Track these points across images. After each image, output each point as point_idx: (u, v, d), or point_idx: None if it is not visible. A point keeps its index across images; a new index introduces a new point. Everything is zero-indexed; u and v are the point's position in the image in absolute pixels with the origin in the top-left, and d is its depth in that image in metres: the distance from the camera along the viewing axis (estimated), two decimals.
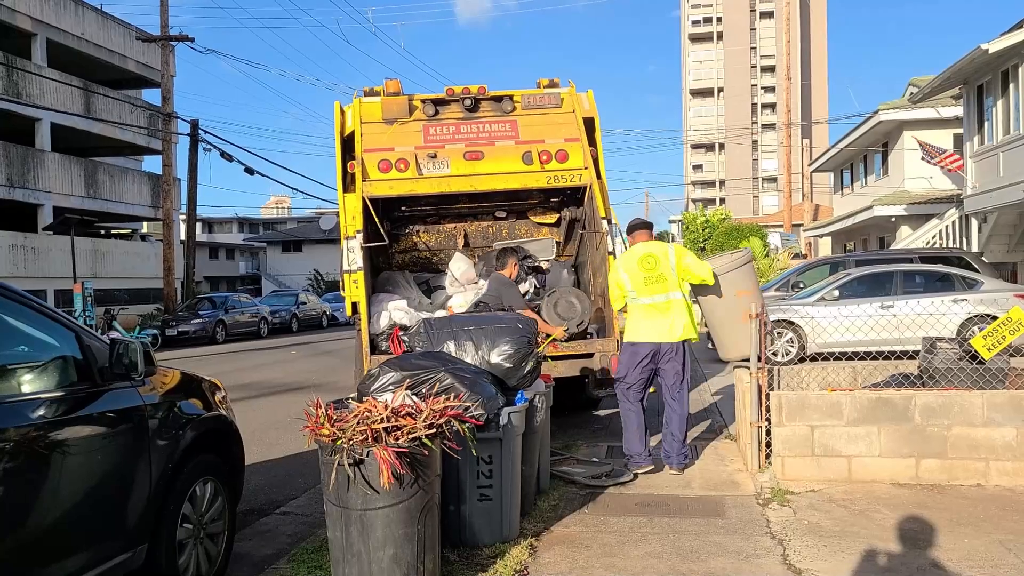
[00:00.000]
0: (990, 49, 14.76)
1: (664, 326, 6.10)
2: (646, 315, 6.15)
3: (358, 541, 3.55)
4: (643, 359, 6.14)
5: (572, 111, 8.03)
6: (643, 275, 6.16)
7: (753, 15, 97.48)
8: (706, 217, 40.00)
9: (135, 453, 3.60)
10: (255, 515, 5.74)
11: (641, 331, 6.17)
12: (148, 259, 34.47)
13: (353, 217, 7.40)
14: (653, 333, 6.11)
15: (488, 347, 5.00)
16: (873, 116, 24.19)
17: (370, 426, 3.52)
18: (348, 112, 8.04)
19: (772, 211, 67.43)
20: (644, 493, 5.67)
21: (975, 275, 13.11)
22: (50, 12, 29.59)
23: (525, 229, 9.19)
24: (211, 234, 71.73)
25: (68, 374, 3.40)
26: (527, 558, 4.38)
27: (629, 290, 6.23)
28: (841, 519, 4.95)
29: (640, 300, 6.16)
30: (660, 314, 6.11)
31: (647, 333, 6.14)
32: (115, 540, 3.46)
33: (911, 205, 22.94)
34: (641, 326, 6.17)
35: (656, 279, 6.15)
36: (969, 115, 17.87)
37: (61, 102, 28.73)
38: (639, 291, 6.17)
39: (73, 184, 30.56)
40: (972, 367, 5.87)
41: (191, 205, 27.87)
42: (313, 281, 52.38)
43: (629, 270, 6.24)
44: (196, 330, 24.72)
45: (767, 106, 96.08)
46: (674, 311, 6.11)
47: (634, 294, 6.20)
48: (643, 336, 6.14)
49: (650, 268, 6.16)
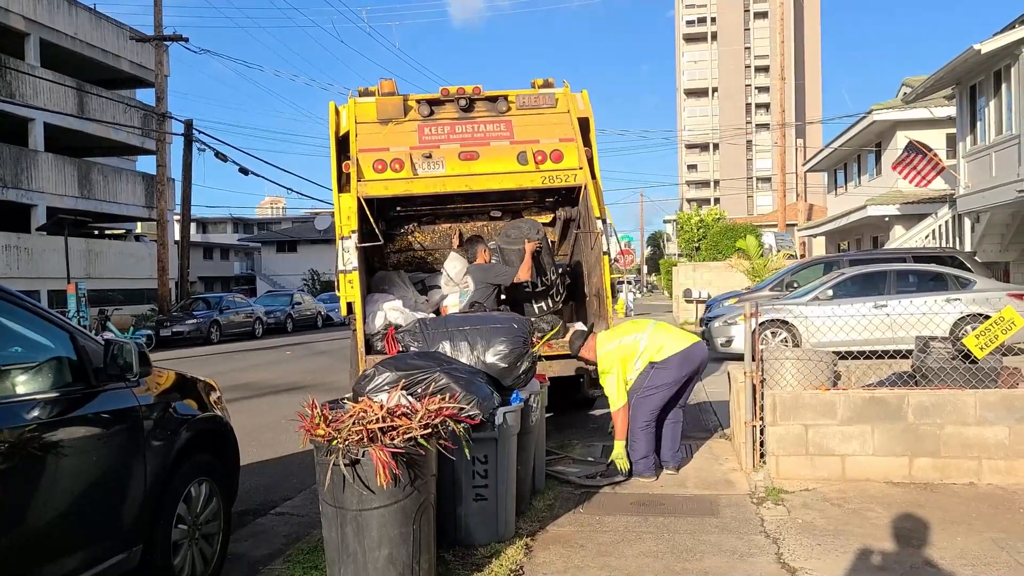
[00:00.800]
0: (983, 49, 14.82)
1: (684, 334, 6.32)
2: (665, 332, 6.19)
3: (354, 541, 3.55)
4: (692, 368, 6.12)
5: (567, 111, 8.04)
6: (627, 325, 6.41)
7: (747, 15, 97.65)
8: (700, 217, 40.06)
9: (130, 454, 3.60)
10: (251, 515, 5.74)
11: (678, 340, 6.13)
12: (142, 259, 34.36)
13: (348, 217, 7.40)
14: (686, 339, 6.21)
15: (483, 347, 5.01)
16: (867, 116, 24.29)
17: (365, 426, 3.52)
18: (343, 112, 8.04)
19: (766, 211, 67.54)
20: (639, 492, 5.68)
21: (968, 274, 13.17)
22: (43, 12, 29.49)
23: None
24: (206, 234, 71.58)
25: (63, 375, 3.40)
26: (522, 558, 4.39)
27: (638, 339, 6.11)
28: (835, 518, 4.97)
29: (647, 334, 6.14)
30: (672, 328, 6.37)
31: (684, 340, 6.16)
32: (110, 541, 3.46)
33: (904, 205, 23.02)
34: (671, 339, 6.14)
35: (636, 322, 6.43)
36: (962, 115, 17.94)
37: (55, 102, 28.64)
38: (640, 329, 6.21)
39: (67, 184, 30.46)
40: (965, 366, 5.89)
41: (185, 205, 27.79)
42: (309, 281, 52.33)
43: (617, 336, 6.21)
44: (191, 331, 24.66)
45: (761, 106, 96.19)
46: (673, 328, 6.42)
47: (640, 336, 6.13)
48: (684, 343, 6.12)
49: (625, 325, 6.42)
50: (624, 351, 6.04)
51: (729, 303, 15.43)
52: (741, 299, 14.64)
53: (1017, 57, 14.86)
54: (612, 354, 6.04)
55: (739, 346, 11.64)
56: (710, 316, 14.93)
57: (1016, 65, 14.98)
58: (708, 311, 16.37)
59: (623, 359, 6.02)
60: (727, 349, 13.18)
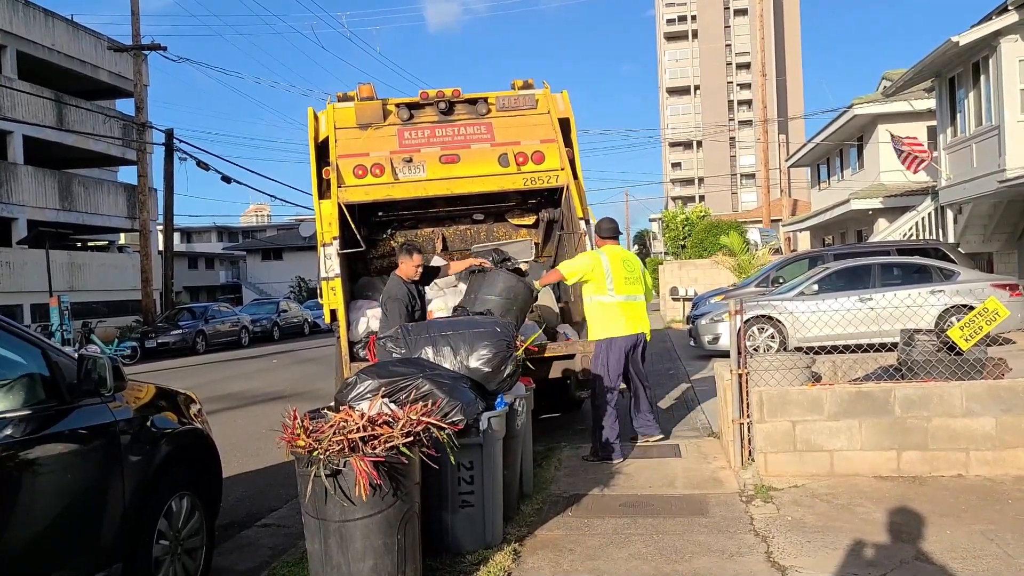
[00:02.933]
0: (960, 41, 14.90)
1: (640, 319, 6.83)
2: (623, 311, 6.72)
3: (337, 553, 3.50)
4: (626, 350, 6.70)
5: (547, 112, 8.01)
6: (624, 275, 6.75)
7: (727, 12, 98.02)
8: (686, 215, 40.03)
9: (107, 470, 3.53)
10: (236, 528, 5.67)
11: (621, 326, 6.70)
12: (126, 271, 34.11)
13: (329, 224, 7.34)
14: (632, 326, 6.74)
15: (467, 351, 4.95)
16: (848, 110, 24.37)
17: (346, 436, 3.47)
18: (322, 118, 7.98)
19: (751, 207, 67.77)
20: (627, 494, 5.65)
21: (952, 266, 13.22)
22: (19, 23, 29.26)
23: (503, 231, 9.16)
24: (190, 244, 71.19)
25: (35, 392, 3.33)
26: (511, 564, 4.34)
27: (608, 284, 6.65)
28: (824, 514, 4.95)
29: (616, 297, 6.69)
30: (638, 310, 6.85)
31: (627, 327, 6.71)
32: (89, 559, 3.40)
33: (887, 198, 23.12)
34: (620, 321, 6.71)
35: (635, 280, 6.85)
36: (942, 107, 18.04)
37: (33, 114, 28.41)
38: (618, 288, 6.69)
39: (47, 197, 30.22)
40: (950, 358, 5.89)
41: (168, 215, 27.58)
42: (295, 288, 52.10)
43: (613, 267, 6.70)
44: (176, 341, 24.47)
45: (743, 103, 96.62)
46: (643, 308, 6.95)
47: (612, 290, 6.66)
48: (624, 330, 6.70)
49: (631, 270, 6.85)
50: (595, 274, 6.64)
51: (715, 300, 15.43)
52: (727, 296, 14.64)
53: (995, 48, 14.94)
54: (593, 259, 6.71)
55: (726, 343, 11.62)
56: (697, 314, 14.92)
57: (994, 56, 15.06)
58: (695, 308, 16.37)
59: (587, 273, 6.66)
60: (714, 347, 13.18)
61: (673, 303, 24.15)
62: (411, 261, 6.73)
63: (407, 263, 6.73)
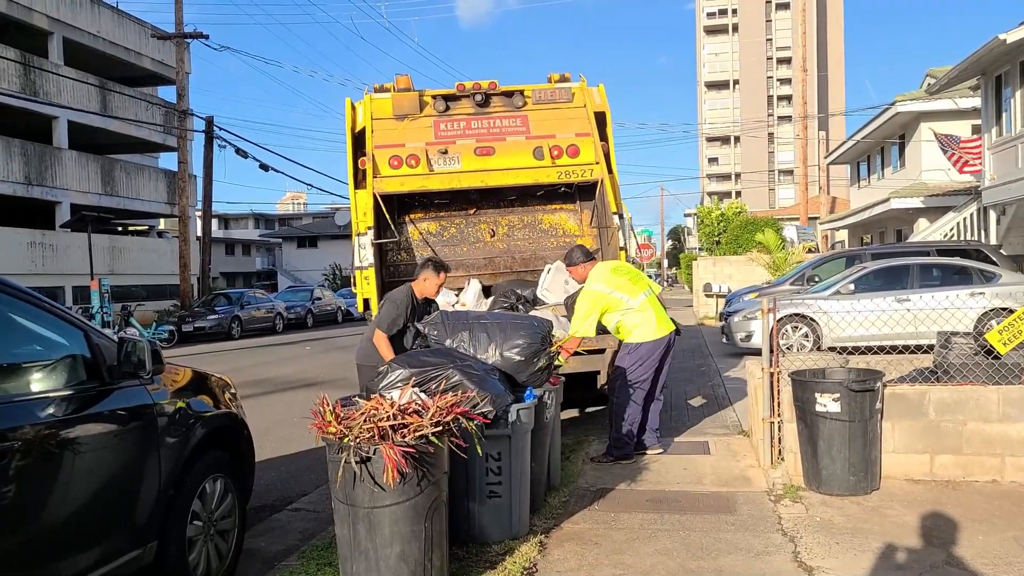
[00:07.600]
0: (1008, 39, 14.57)
1: (666, 317, 6.44)
2: (651, 311, 6.33)
3: (365, 539, 3.55)
4: (660, 353, 6.36)
5: (583, 106, 8.00)
6: (626, 277, 6.41)
7: (769, 6, 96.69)
8: (721, 211, 39.66)
9: (144, 451, 3.62)
10: (267, 511, 5.76)
11: (656, 328, 6.32)
12: (164, 255, 34.68)
13: (364, 213, 7.42)
14: (662, 327, 6.36)
15: (501, 339, 4.98)
16: (890, 107, 23.97)
17: (376, 424, 3.52)
18: (359, 108, 8.05)
19: (788, 204, 66.94)
20: (655, 489, 5.65)
21: (993, 268, 12.96)
22: (66, 10, 29.81)
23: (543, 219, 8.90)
24: (227, 230, 72.13)
25: (77, 373, 3.42)
26: (536, 555, 4.37)
27: (620, 296, 6.27)
28: (854, 516, 4.91)
29: (636, 301, 6.30)
30: (659, 306, 6.43)
31: (659, 329, 6.33)
32: (125, 537, 3.48)
33: (928, 197, 22.72)
34: (652, 323, 6.32)
35: (637, 277, 6.51)
36: (987, 106, 17.66)
37: (78, 100, 28.94)
38: (632, 293, 6.32)
39: (90, 181, 30.81)
40: (987, 362, 5.79)
41: (207, 201, 28.00)
42: (330, 276, 52.56)
43: (612, 283, 6.32)
44: (212, 326, 24.86)
45: (783, 98, 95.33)
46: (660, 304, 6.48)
47: (629, 299, 6.29)
48: (660, 332, 6.33)
49: (626, 272, 6.52)
50: (607, 303, 6.24)
51: (749, 297, 15.29)
52: (761, 293, 14.51)
53: None
54: (596, 296, 6.23)
55: (759, 341, 11.54)
56: (730, 311, 14.81)
57: None
58: (728, 305, 16.24)
59: (603, 308, 6.24)
60: (747, 344, 13.07)
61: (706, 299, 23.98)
62: (435, 279, 5.99)
63: (431, 280, 5.98)
